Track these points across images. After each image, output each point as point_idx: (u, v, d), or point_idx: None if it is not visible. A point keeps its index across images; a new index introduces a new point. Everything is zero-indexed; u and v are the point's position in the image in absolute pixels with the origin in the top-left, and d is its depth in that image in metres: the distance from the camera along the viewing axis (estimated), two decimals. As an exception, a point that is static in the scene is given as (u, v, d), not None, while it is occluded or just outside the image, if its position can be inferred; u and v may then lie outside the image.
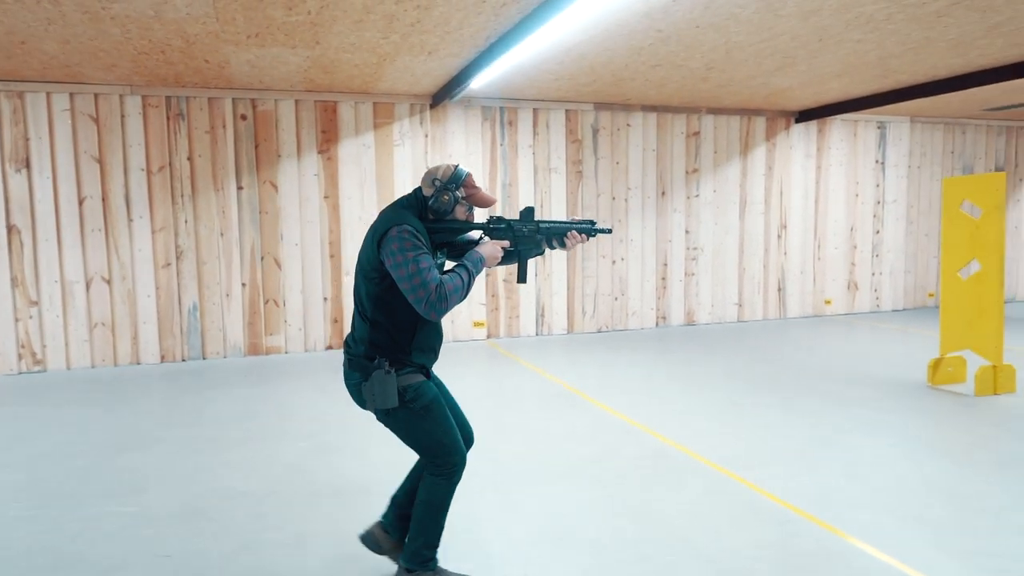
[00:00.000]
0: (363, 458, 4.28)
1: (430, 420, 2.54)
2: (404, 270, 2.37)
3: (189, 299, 7.35)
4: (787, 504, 3.52)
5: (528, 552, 3.06)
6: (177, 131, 7.19)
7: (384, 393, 2.44)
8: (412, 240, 2.40)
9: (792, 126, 9.57)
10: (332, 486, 3.85)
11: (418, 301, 2.38)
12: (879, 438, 4.51)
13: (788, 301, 9.75)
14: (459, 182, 2.59)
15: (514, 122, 8.31)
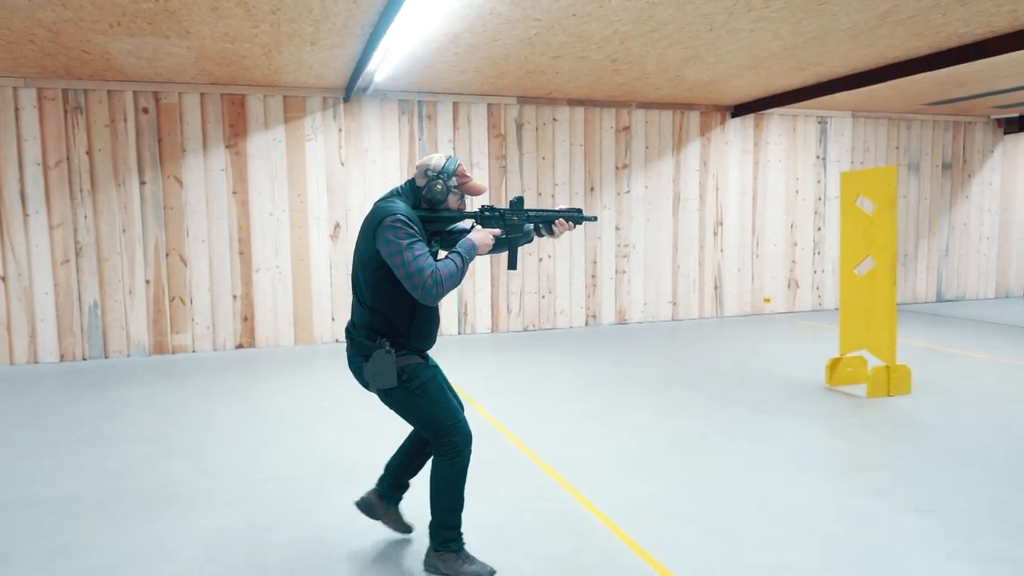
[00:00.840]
0: (196, 462, 4.12)
1: (427, 400, 2.66)
2: (400, 257, 2.50)
3: (89, 296, 7.19)
4: (599, 513, 3.35)
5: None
6: (75, 125, 7.03)
7: (384, 373, 2.58)
8: (406, 228, 2.52)
9: (727, 121, 9.38)
10: (138, 492, 3.68)
11: (414, 287, 2.50)
12: (741, 442, 4.33)
13: (725, 299, 9.56)
14: (451, 172, 2.71)
15: (433, 116, 8.13)
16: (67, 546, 3.07)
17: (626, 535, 3.11)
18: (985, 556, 2.87)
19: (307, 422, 4.87)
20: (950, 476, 3.73)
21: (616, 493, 3.57)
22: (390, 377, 2.60)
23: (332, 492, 3.63)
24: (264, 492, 3.65)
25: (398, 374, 2.62)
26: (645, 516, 3.30)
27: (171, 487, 3.73)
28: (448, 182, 2.71)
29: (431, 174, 2.69)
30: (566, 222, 2.87)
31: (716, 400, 5.30)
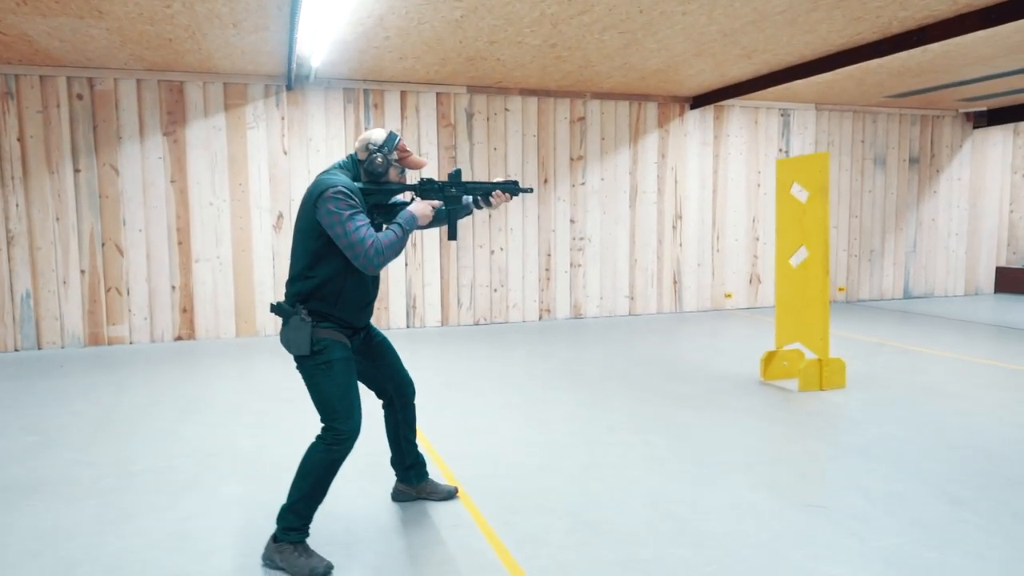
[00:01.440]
0: (79, 453, 3.96)
1: (329, 379, 2.65)
2: (341, 228, 2.55)
3: (21, 286, 7.03)
4: (471, 506, 3.19)
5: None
6: (6, 111, 6.87)
7: (298, 339, 2.62)
8: (347, 200, 2.57)
9: (686, 112, 9.22)
10: (3, 480, 3.53)
11: (355, 257, 2.56)
12: (650, 436, 4.18)
13: (684, 294, 9.41)
14: (391, 145, 2.77)
15: (380, 105, 7.97)
16: (-100, 538, 2.92)
17: (490, 528, 2.95)
18: (864, 554, 2.71)
19: (214, 414, 4.72)
20: (855, 472, 3.58)
21: (496, 487, 3.42)
22: (304, 344, 2.63)
23: (205, 484, 3.47)
24: (134, 483, 3.49)
25: (311, 343, 2.63)
26: (519, 510, 3.15)
27: (39, 478, 3.58)
28: (389, 156, 2.77)
29: (372, 147, 2.76)
30: (503, 193, 2.93)
31: (644, 393, 5.15)
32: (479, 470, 3.64)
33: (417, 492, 3.24)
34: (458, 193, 2.91)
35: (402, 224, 2.67)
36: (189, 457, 3.87)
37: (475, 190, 2.93)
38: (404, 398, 3.12)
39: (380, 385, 3.09)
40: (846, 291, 10.24)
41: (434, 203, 2.81)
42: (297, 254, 2.73)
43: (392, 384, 3.08)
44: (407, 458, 3.19)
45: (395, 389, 3.09)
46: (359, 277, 2.73)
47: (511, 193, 2.96)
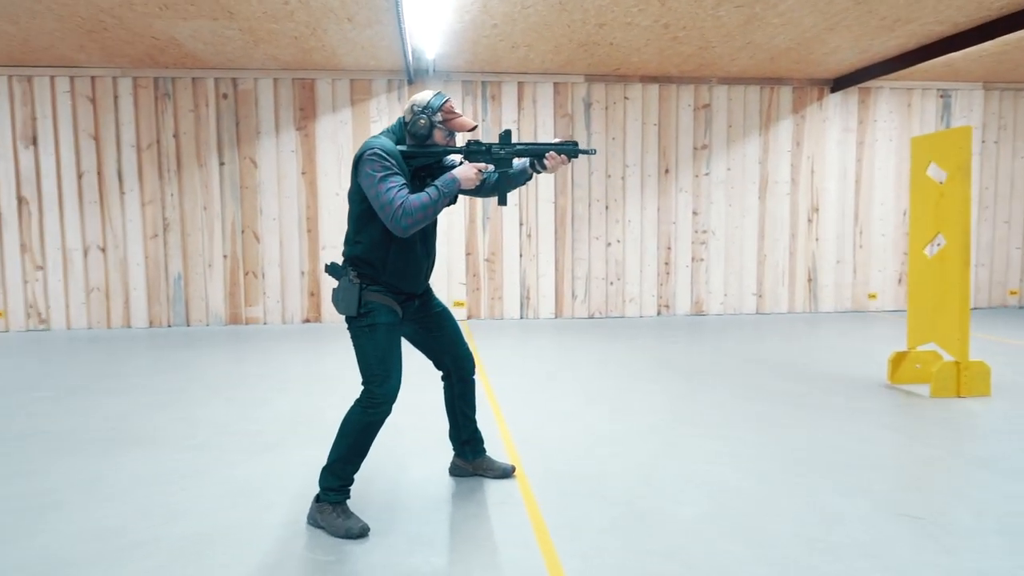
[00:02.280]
0: (185, 412, 4.31)
1: (371, 342, 2.67)
2: (374, 189, 2.56)
3: (175, 269, 7.81)
4: (527, 487, 3.10)
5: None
6: (164, 110, 7.66)
7: (346, 300, 2.67)
8: (381, 161, 2.58)
9: (826, 96, 8.51)
10: (119, 433, 3.90)
11: (385, 218, 2.56)
12: (740, 432, 3.86)
13: (820, 293, 8.68)
14: (436, 107, 2.71)
15: (497, 96, 8.04)
16: (19, 472, 3.30)
17: (537, 509, 2.84)
18: (951, 573, 2.32)
19: (313, 387, 4.96)
20: (971, 485, 3.09)
21: (556, 470, 3.30)
22: (352, 305, 2.66)
23: (285, 447, 3.64)
24: (224, 443, 3.73)
25: (358, 305, 2.66)
26: (572, 494, 3.01)
27: (146, 433, 3.92)
28: (433, 117, 2.70)
29: (416, 109, 2.71)
30: (558, 155, 2.79)
31: (747, 391, 4.78)
32: (544, 453, 3.53)
33: (473, 468, 3.20)
34: (507, 155, 2.80)
35: (439, 187, 2.62)
36: (279, 423, 4.08)
37: (526, 152, 2.81)
38: (461, 372, 3.07)
39: (438, 356, 3.06)
40: (1019, 295, 8.99)
41: (480, 166, 2.72)
42: (349, 218, 2.76)
43: (449, 357, 3.04)
44: (463, 432, 3.15)
45: (452, 363, 3.05)
46: (404, 242, 2.70)
47: (568, 155, 2.81)
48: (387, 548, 2.53)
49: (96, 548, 2.54)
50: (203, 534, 2.65)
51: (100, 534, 2.65)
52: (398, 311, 2.77)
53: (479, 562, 2.42)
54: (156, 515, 2.82)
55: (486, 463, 3.20)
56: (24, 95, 7.47)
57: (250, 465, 3.38)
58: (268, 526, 2.72)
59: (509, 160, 2.81)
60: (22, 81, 7.46)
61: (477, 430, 3.18)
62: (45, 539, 2.62)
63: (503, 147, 2.79)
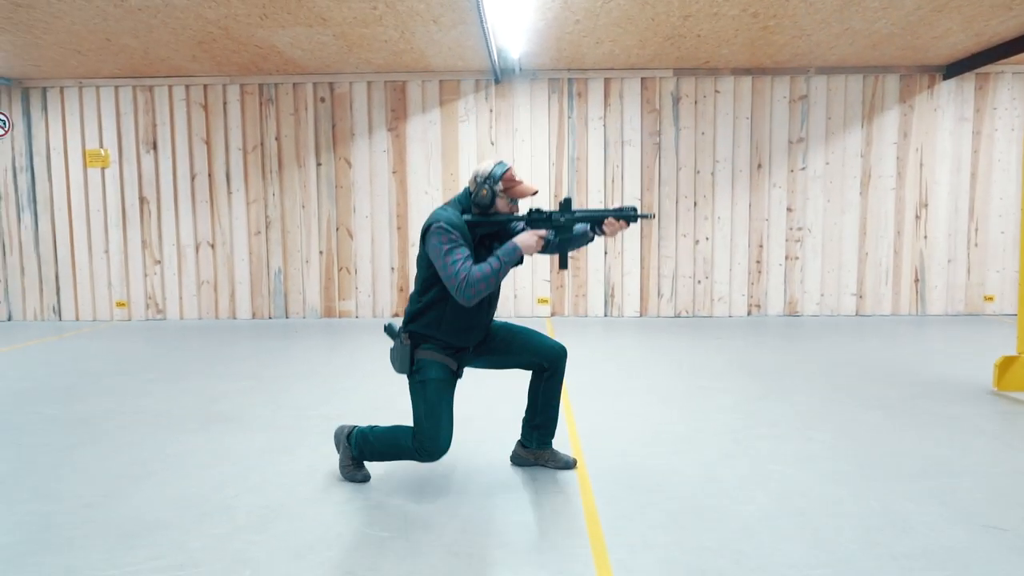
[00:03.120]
0: (273, 396, 4.57)
1: (421, 397, 2.85)
2: (440, 261, 2.73)
3: (275, 264, 8.28)
4: (585, 476, 3.10)
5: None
6: (267, 115, 8.14)
7: (398, 360, 2.91)
8: (447, 235, 2.73)
9: (938, 84, 7.95)
10: (208, 412, 4.20)
11: (451, 289, 2.72)
12: (815, 434, 3.70)
13: (929, 295, 8.13)
14: (498, 177, 2.83)
15: (583, 93, 8.03)
16: (123, 445, 3.62)
17: (592, 501, 2.84)
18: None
19: (394, 377, 5.14)
20: (1073, 497, 2.83)
21: (617, 464, 3.28)
22: (404, 364, 2.88)
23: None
24: (300, 425, 3.94)
25: (411, 363, 2.87)
26: (630, 487, 2.98)
27: (234, 412, 4.19)
28: (494, 187, 2.82)
29: (479, 179, 2.84)
30: (617, 221, 2.87)
31: (833, 393, 4.56)
32: (609, 449, 3.51)
33: (535, 457, 3.22)
34: (567, 223, 2.89)
35: (500, 256, 2.74)
36: (356, 409, 4.26)
37: (585, 219, 2.90)
38: (554, 365, 3.08)
39: (525, 362, 3.09)
40: None
41: (541, 233, 2.82)
42: (416, 280, 2.94)
43: (535, 356, 3.06)
44: (538, 416, 3.14)
45: (541, 359, 3.06)
46: (460, 305, 2.84)
47: (627, 220, 2.88)
48: (440, 530, 2.60)
49: (174, 514, 2.75)
50: (271, 507, 2.82)
51: (179, 502, 2.87)
52: (452, 365, 2.91)
53: (525, 546, 2.45)
54: (231, 488, 3.02)
55: (548, 454, 3.22)
56: (146, 104, 8.14)
57: (324, 448, 3.55)
58: (333, 503, 2.85)
59: (570, 227, 2.90)
60: (144, 91, 8.13)
61: (554, 419, 3.16)
62: (135, 503, 2.86)
63: (563, 215, 2.89)
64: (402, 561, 2.36)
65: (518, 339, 3.07)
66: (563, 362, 3.09)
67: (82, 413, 4.22)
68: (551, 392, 3.11)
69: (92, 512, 2.78)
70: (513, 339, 3.07)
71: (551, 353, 3.06)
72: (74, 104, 8.17)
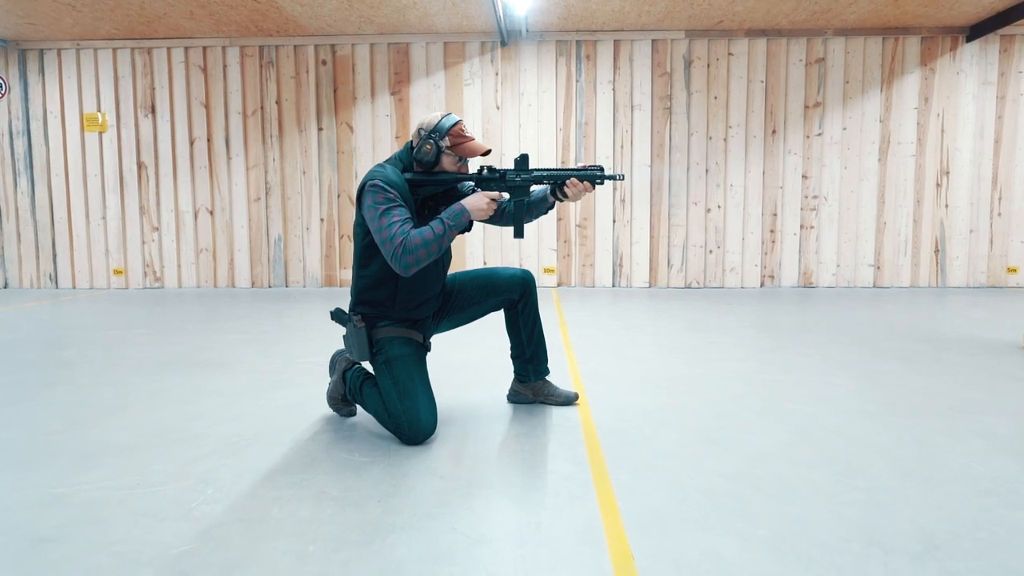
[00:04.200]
0: (262, 347, 4.37)
1: (387, 378, 2.51)
2: (375, 224, 2.38)
3: (275, 231, 8.08)
4: (588, 417, 2.87)
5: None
6: (268, 78, 7.93)
7: (357, 346, 2.55)
8: (383, 193, 2.39)
9: (961, 46, 7.65)
10: (198, 359, 3.99)
11: (386, 255, 2.38)
12: (828, 378, 3.46)
13: (950, 266, 7.84)
14: (442, 132, 2.49)
15: (592, 56, 7.77)
16: (97, 384, 3.43)
17: (594, 433, 2.62)
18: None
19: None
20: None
21: (624, 403, 3.05)
22: (363, 350, 2.54)
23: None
24: (289, 370, 3.73)
25: (370, 346, 2.55)
26: (637, 422, 2.76)
27: (223, 360, 3.99)
28: (440, 142, 2.49)
29: (423, 132, 2.51)
30: (581, 182, 2.56)
31: (851, 346, 4.31)
32: (612, 389, 3.28)
33: (534, 393, 2.98)
34: (523, 183, 2.57)
35: (445, 219, 2.41)
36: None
37: (544, 178, 2.58)
38: (524, 294, 2.85)
39: (494, 305, 2.86)
40: None
41: (493, 194, 2.49)
42: (354, 253, 2.61)
43: (505, 294, 2.83)
44: (526, 349, 2.89)
45: (511, 294, 2.83)
46: (414, 275, 2.53)
47: (592, 182, 2.57)
48: (430, 457, 2.39)
49: (141, 440, 2.55)
50: (249, 435, 2.61)
51: (149, 430, 2.67)
52: (417, 336, 2.64)
53: (522, 473, 2.23)
54: (209, 419, 2.82)
55: (548, 388, 2.98)
56: (144, 66, 7.96)
57: (312, 388, 3.34)
58: (314, 432, 2.64)
59: (526, 188, 2.59)
60: (143, 53, 7.94)
61: (543, 346, 2.92)
62: (100, 431, 2.66)
63: (519, 173, 2.57)
64: (380, 484, 2.14)
65: (477, 286, 2.82)
66: (532, 286, 2.85)
67: (63, 360, 4.03)
68: (530, 320, 2.87)
69: (55, 438, 2.58)
70: (471, 288, 2.82)
71: (516, 284, 2.82)
72: (71, 66, 8.00)
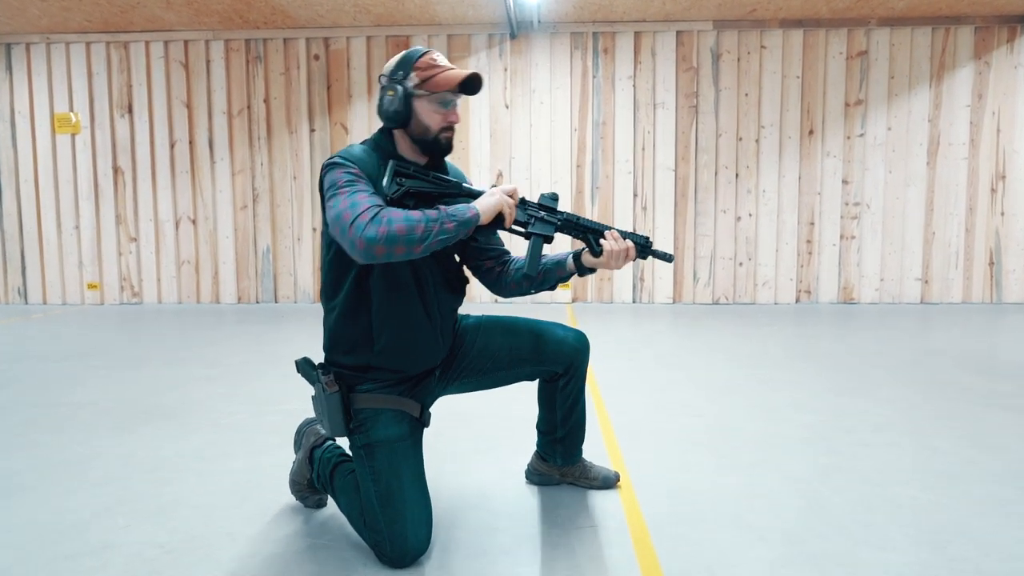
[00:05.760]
0: (227, 389, 3.68)
1: (367, 472, 1.80)
2: (331, 201, 1.70)
3: (264, 242, 7.40)
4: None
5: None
6: (255, 74, 7.26)
7: (329, 418, 1.83)
8: (342, 168, 1.74)
9: (1019, 37, 6.92)
10: (147, 406, 3.31)
11: (343, 232, 1.63)
12: (926, 440, 2.74)
13: (1006, 280, 7.10)
14: (410, 64, 1.79)
15: (610, 49, 7.07)
16: (10, 447, 2.74)
17: (646, 534, 1.92)
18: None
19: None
20: None
21: (673, 482, 2.34)
22: (336, 423, 1.83)
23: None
24: (256, 423, 3.04)
25: (346, 419, 1.83)
26: (698, 518, 2.05)
27: (176, 408, 3.31)
28: (405, 82, 1.78)
29: (382, 80, 1.84)
30: (625, 239, 1.91)
31: (928, 387, 3.59)
32: (661, 459, 2.57)
33: (562, 474, 2.27)
34: (549, 220, 1.88)
35: (442, 208, 1.72)
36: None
37: (574, 225, 1.91)
38: (572, 368, 2.07)
39: (527, 375, 2.09)
40: None
41: (510, 188, 1.84)
42: (323, 272, 1.91)
43: (544, 365, 2.05)
44: (559, 428, 2.16)
45: (554, 367, 2.05)
46: (397, 299, 1.82)
47: (637, 245, 1.93)
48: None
49: (15, 558, 1.85)
50: (175, 545, 1.91)
51: (37, 535, 1.96)
52: (412, 409, 1.89)
53: None
54: (127, 511, 2.11)
55: (578, 469, 2.26)
56: (121, 62, 7.29)
57: (276, 456, 2.64)
58: (269, 536, 1.94)
59: (550, 226, 1.89)
60: (119, 47, 7.28)
61: (581, 427, 2.19)
62: (-22, 535, 1.97)
63: (543, 208, 1.89)
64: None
65: (509, 345, 2.04)
66: (584, 358, 2.08)
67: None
68: (572, 399, 2.12)
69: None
70: (501, 345, 2.04)
71: (564, 353, 2.04)
72: (41, 62, 7.34)
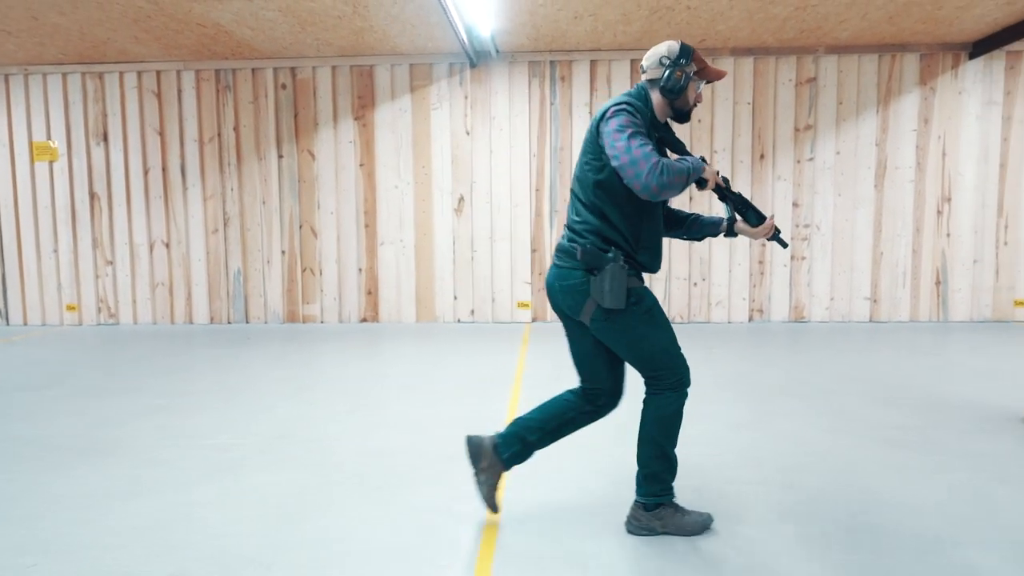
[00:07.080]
0: (178, 420, 3.93)
1: (654, 326, 2.33)
2: (622, 143, 2.15)
3: (235, 264, 7.66)
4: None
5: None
6: (225, 103, 7.52)
7: (617, 290, 2.25)
8: (630, 117, 2.21)
9: (963, 64, 7.12)
10: (94, 439, 3.55)
11: (635, 175, 2.12)
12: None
13: (952, 299, 7.30)
14: (689, 56, 2.34)
15: (567, 77, 7.30)
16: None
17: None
18: None
19: (318, 396, 4.48)
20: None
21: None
22: (621, 296, 2.25)
23: (252, 469, 3.14)
24: (189, 456, 3.28)
25: (628, 295, 2.28)
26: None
27: (114, 442, 3.55)
28: (687, 68, 2.33)
29: (666, 61, 2.33)
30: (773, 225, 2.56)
31: (836, 420, 3.81)
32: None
33: (487, 465, 2.50)
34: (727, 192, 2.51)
35: (689, 160, 2.25)
36: (261, 437, 3.60)
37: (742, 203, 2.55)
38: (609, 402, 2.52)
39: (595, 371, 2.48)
40: None
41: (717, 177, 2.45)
42: (584, 192, 2.36)
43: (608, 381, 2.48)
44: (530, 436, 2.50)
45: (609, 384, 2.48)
46: (652, 215, 2.36)
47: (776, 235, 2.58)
48: None
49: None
50: (67, 586, 2.15)
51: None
52: None
53: None
54: (30, 553, 2.36)
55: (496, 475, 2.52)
56: (96, 92, 7.56)
57: (197, 489, 2.89)
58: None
59: (738, 198, 2.55)
60: (94, 78, 7.55)
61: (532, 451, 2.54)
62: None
63: (727, 183, 2.53)
64: None
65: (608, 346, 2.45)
66: (614, 406, 2.53)
67: (-61, 441, 3.60)
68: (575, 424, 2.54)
69: None
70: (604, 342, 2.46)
71: (619, 387, 2.50)
72: (19, 92, 7.62)
